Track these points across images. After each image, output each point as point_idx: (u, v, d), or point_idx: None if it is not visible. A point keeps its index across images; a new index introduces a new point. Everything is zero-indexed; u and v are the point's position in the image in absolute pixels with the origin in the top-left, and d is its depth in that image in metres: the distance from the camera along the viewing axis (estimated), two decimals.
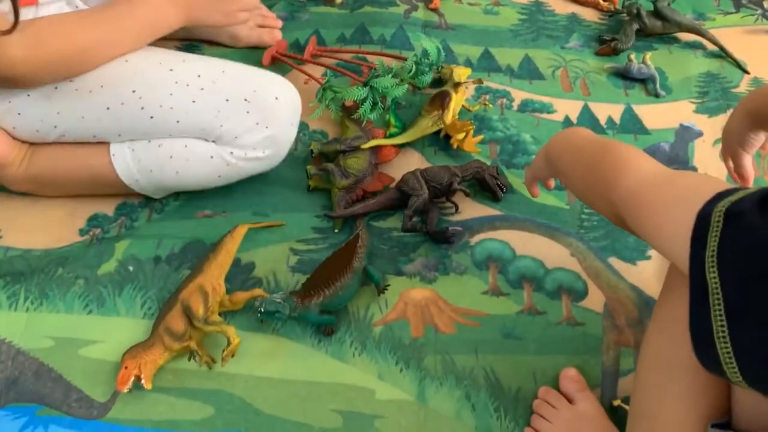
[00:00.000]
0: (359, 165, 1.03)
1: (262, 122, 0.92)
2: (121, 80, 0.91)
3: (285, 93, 0.96)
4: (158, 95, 0.91)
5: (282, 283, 0.93)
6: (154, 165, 0.93)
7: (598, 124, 1.15)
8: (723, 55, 1.26)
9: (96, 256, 0.95)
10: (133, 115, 0.91)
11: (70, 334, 0.87)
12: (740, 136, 0.82)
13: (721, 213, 0.49)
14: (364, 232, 0.95)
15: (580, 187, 0.78)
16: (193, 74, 0.92)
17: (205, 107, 0.91)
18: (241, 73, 0.96)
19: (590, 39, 1.29)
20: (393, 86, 1.09)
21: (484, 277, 0.95)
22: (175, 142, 0.92)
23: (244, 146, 0.93)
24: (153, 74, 0.92)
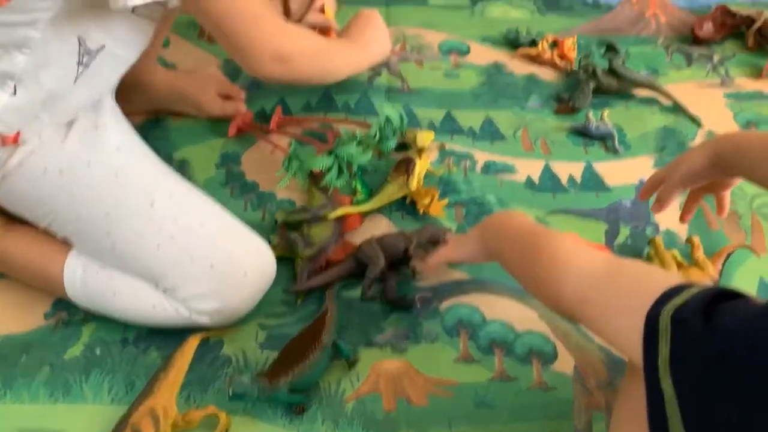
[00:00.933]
0: (323, 234, 1.03)
1: (218, 293, 0.88)
2: (101, 197, 0.88)
3: (256, 269, 0.91)
4: (128, 228, 0.88)
5: (251, 361, 0.92)
6: (96, 294, 0.92)
7: (560, 183, 1.17)
8: (678, 110, 1.30)
9: (62, 341, 0.94)
10: (97, 236, 0.89)
11: (36, 424, 0.85)
12: (690, 170, 0.85)
13: (667, 319, 0.50)
14: (332, 305, 0.95)
15: (523, 283, 0.78)
16: (171, 218, 0.88)
17: (167, 257, 0.88)
18: (219, 232, 0.91)
19: (549, 98, 1.32)
20: (358, 153, 1.11)
21: (455, 343, 0.95)
22: (124, 281, 0.90)
23: (192, 309, 0.89)
24: (132, 203, 0.89)
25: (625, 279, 0.60)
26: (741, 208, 1.13)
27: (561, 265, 0.67)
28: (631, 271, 0.62)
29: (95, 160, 0.89)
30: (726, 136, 0.87)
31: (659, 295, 0.52)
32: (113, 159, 0.90)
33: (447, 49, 1.42)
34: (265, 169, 1.17)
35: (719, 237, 1.09)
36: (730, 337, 0.47)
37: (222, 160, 1.19)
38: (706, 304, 0.49)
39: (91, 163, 0.89)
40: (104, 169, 0.89)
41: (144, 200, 0.89)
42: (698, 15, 1.51)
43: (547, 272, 0.69)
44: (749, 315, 0.47)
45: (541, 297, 0.74)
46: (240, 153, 1.20)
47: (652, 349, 0.50)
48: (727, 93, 1.35)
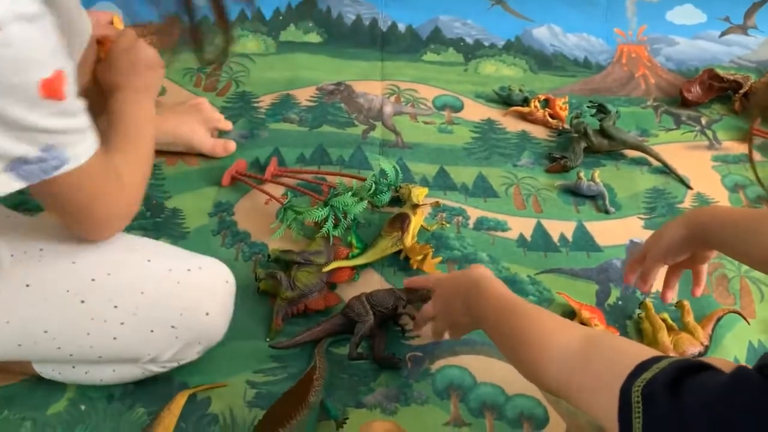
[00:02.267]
0: (308, 280, 1.03)
1: (193, 341, 0.87)
2: (29, 317, 0.80)
3: (216, 301, 0.87)
4: (74, 335, 0.82)
5: (239, 419, 0.90)
6: (82, 381, 0.91)
7: (552, 242, 1.18)
8: (667, 171, 1.32)
9: (45, 395, 0.92)
10: (49, 352, 0.84)
11: None
12: (670, 244, 0.89)
13: (638, 394, 0.52)
14: (321, 361, 0.94)
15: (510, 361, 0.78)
16: (109, 305, 0.81)
17: (128, 342, 0.84)
18: (161, 292, 0.84)
19: (540, 156, 1.34)
20: (353, 204, 1.11)
21: (446, 406, 0.94)
22: (100, 369, 0.89)
23: (176, 360, 0.89)
24: (63, 311, 0.81)
25: (600, 358, 0.62)
26: (730, 272, 1.14)
27: (539, 348, 0.68)
28: (605, 349, 0.63)
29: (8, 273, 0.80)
30: (703, 211, 0.90)
31: (632, 369, 0.54)
32: (14, 272, 0.80)
33: (441, 104, 1.44)
34: (257, 218, 1.17)
35: (709, 301, 1.10)
36: (694, 414, 0.49)
37: (215, 208, 1.19)
38: (672, 380, 0.52)
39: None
40: (10, 286, 0.80)
41: (71, 301, 0.81)
42: (686, 78, 1.54)
43: (527, 353, 0.71)
44: (713, 391, 0.50)
45: (525, 375, 0.74)
46: (233, 202, 1.20)
47: (627, 423, 0.52)
48: (714, 155, 1.38)
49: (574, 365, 0.63)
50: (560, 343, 0.66)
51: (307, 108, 1.39)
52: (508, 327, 0.76)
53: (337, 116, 1.38)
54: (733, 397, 0.49)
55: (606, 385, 0.56)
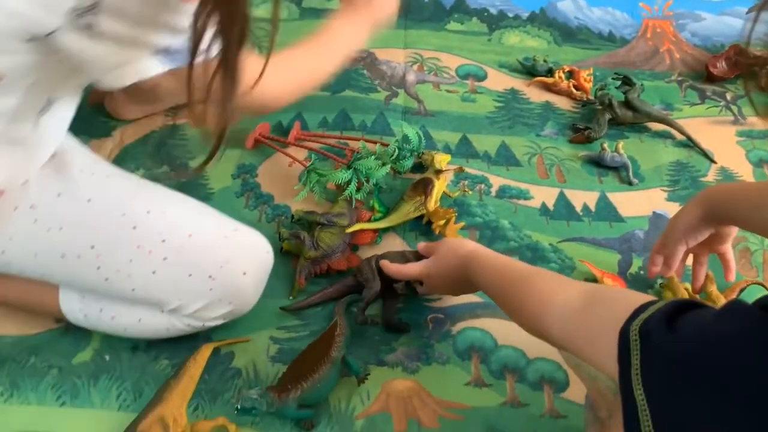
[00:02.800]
0: (331, 241, 1.04)
1: (224, 299, 0.87)
2: (82, 228, 0.83)
3: (255, 266, 0.90)
4: (117, 258, 0.84)
5: (262, 374, 0.91)
6: (103, 326, 0.91)
7: (574, 211, 1.17)
8: (691, 145, 1.31)
9: (71, 344, 0.93)
10: (87, 271, 0.85)
11: (41, 427, 0.85)
12: (687, 225, 0.92)
13: (636, 332, 0.53)
14: (342, 320, 0.94)
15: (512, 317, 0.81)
16: (158, 238, 0.84)
17: (165, 279, 0.85)
18: (208, 239, 0.88)
19: (564, 127, 1.33)
20: (376, 167, 1.11)
21: (467, 367, 0.94)
22: (128, 314, 0.89)
23: (202, 318, 0.88)
24: (115, 231, 0.84)
25: (599, 308, 0.63)
26: (753, 246, 1.14)
27: (541, 305, 0.71)
28: (605, 299, 0.65)
29: (64, 189, 0.84)
30: (717, 189, 0.92)
31: (630, 313, 0.56)
32: (81, 185, 0.85)
33: (464, 74, 1.43)
34: (280, 181, 1.17)
35: None
36: (688, 342, 0.50)
37: (238, 170, 1.19)
38: (668, 315, 0.53)
39: (62, 192, 0.84)
40: (75, 197, 0.84)
41: (125, 224, 0.85)
42: (712, 53, 1.52)
43: (529, 311, 0.73)
44: (707, 320, 0.51)
45: (532, 333, 0.77)
46: (256, 164, 1.20)
47: (626, 362, 0.53)
48: (739, 131, 1.36)
49: (575, 319, 0.65)
50: (560, 300, 0.69)
51: None
52: (509, 293, 0.79)
53: (359, 81, 1.37)
54: (726, 322, 0.50)
55: (605, 331, 0.58)
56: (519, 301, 0.76)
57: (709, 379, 0.47)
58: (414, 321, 0.99)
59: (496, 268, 0.84)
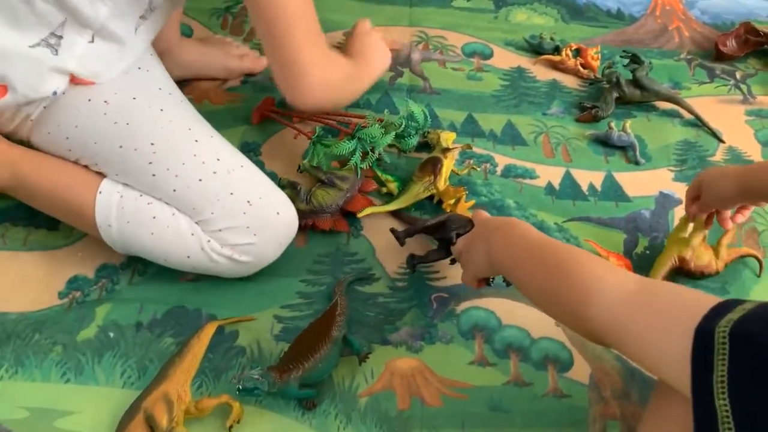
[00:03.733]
0: (324, 200, 1.05)
1: (252, 229, 0.90)
2: (147, 127, 0.90)
3: (288, 214, 0.95)
4: (171, 158, 0.90)
5: (266, 352, 0.91)
6: (134, 218, 0.91)
7: (580, 191, 1.16)
8: (699, 124, 1.30)
9: (75, 321, 0.93)
10: (138, 164, 0.90)
11: (45, 404, 0.85)
12: (722, 199, 0.94)
13: (725, 334, 0.48)
14: (342, 298, 0.94)
15: (540, 302, 0.75)
16: (214, 155, 0.92)
17: (207, 190, 0.90)
18: (257, 175, 0.96)
19: (571, 106, 1.32)
20: (380, 136, 1.10)
21: (471, 346, 0.94)
22: (164, 207, 0.91)
23: (224, 242, 0.90)
24: (177, 136, 0.91)
25: (662, 298, 0.58)
26: (761, 226, 1.13)
27: (588, 285, 0.63)
28: (666, 290, 0.60)
29: (141, 93, 0.93)
30: (754, 170, 0.92)
31: (707, 310, 0.50)
32: (157, 96, 0.94)
33: (470, 52, 1.41)
34: (284, 159, 1.17)
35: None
36: None
37: (242, 148, 1.17)
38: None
39: (138, 96, 0.92)
40: (150, 103, 0.92)
41: (189, 136, 0.92)
42: (722, 31, 1.50)
43: (570, 292, 0.66)
44: None
45: (563, 317, 0.71)
46: (260, 142, 1.19)
47: (703, 365, 0.48)
48: (748, 110, 1.35)
49: (630, 304, 0.59)
50: (611, 284, 0.62)
51: None
52: (542, 267, 0.73)
53: None
54: None
55: (671, 325, 0.53)
56: (556, 275, 0.69)
57: None
58: (418, 301, 0.99)
59: (534, 234, 0.78)
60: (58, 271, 0.98)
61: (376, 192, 1.12)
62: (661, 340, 0.54)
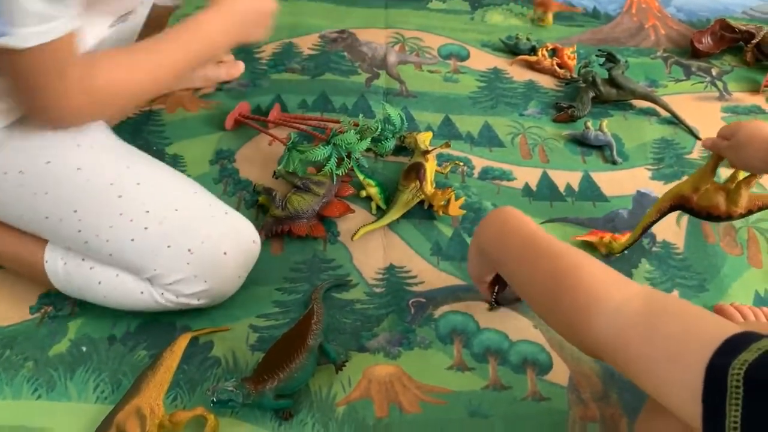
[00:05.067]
0: (299, 205, 1.04)
1: (201, 276, 0.86)
2: (66, 193, 0.85)
3: (238, 245, 0.90)
4: (98, 223, 0.85)
5: (241, 362, 0.90)
6: (83, 284, 0.90)
7: (558, 191, 1.16)
8: (676, 122, 1.30)
9: (47, 336, 0.91)
10: (68, 233, 0.86)
11: (16, 421, 0.83)
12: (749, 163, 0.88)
13: (738, 377, 0.45)
14: (318, 306, 0.93)
15: (538, 308, 0.72)
16: (142, 209, 0.86)
17: (142, 248, 0.85)
18: (195, 214, 0.89)
19: (547, 106, 1.31)
20: (356, 142, 1.09)
21: (449, 351, 0.93)
22: (106, 270, 0.88)
23: (177, 292, 0.87)
24: (100, 197, 0.86)
25: (671, 323, 0.54)
26: (737, 223, 1.13)
27: (589, 300, 0.59)
28: (677, 312, 0.56)
29: (55, 156, 0.86)
30: None
31: (719, 344, 0.47)
32: (74, 154, 0.87)
33: (446, 53, 1.41)
34: (259, 165, 1.16)
35: (716, 251, 1.08)
36: None
37: (216, 156, 1.17)
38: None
39: (52, 159, 0.85)
40: (65, 165, 0.86)
41: (111, 193, 0.86)
42: (697, 28, 1.51)
43: (570, 305, 0.62)
44: None
45: (557, 327, 0.68)
46: (234, 149, 1.18)
47: (714, 407, 0.45)
48: (724, 106, 1.35)
49: (637, 324, 0.55)
50: (615, 301, 0.58)
51: (310, 56, 1.37)
52: (539, 271, 0.69)
53: (340, 64, 1.35)
54: None
55: (682, 355, 0.49)
56: (556, 281, 0.65)
57: None
58: (396, 306, 0.98)
59: (531, 230, 0.74)
60: (29, 286, 0.96)
61: (353, 196, 1.11)
62: (668, 371, 0.51)
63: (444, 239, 1.07)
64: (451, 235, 1.08)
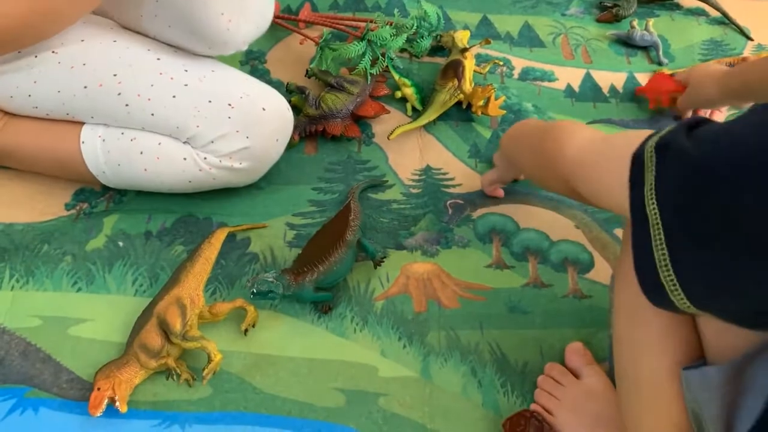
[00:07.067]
0: (334, 104, 1.01)
1: (242, 131, 0.85)
2: (105, 60, 0.85)
3: (275, 105, 0.89)
4: (139, 83, 0.84)
5: (279, 259, 0.89)
6: (123, 159, 0.87)
7: (601, 93, 1.11)
8: (726, 22, 1.24)
9: (84, 232, 0.91)
10: (108, 99, 0.85)
11: (58, 312, 0.84)
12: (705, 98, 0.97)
13: (651, 149, 0.51)
14: (355, 203, 0.92)
15: (534, 173, 0.79)
16: (181, 68, 0.86)
17: (184, 104, 0.84)
18: (231, 75, 0.89)
19: (591, 5, 1.25)
20: (392, 38, 1.05)
21: (488, 250, 0.92)
22: (148, 138, 0.86)
23: (219, 153, 0.86)
24: (138, 60, 0.86)
25: (618, 137, 0.60)
26: None
27: (563, 136, 0.67)
28: (625, 133, 0.62)
29: (88, 35, 0.86)
30: (733, 73, 0.93)
31: (643, 138, 0.53)
32: (106, 31, 0.87)
33: None
34: (290, 66, 1.12)
35: None
36: (708, 143, 0.47)
37: (246, 57, 1.13)
38: (689, 125, 0.50)
39: (86, 38, 0.86)
40: (100, 39, 0.86)
41: (149, 56, 0.86)
42: None
43: (551, 147, 0.69)
44: (728, 123, 0.48)
45: (546, 174, 0.73)
46: (265, 51, 1.15)
47: (638, 182, 0.51)
48: None
49: (594, 146, 0.62)
50: (585, 132, 0.66)
51: None
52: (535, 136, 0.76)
53: None
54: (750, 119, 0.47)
55: (621, 153, 0.54)
56: (542, 138, 0.72)
57: (730, 181, 0.44)
58: (433, 207, 0.96)
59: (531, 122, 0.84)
60: (64, 184, 0.95)
61: (388, 97, 1.07)
62: (613, 174, 0.55)
63: (482, 141, 1.04)
64: (490, 137, 1.04)
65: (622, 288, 0.67)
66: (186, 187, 0.89)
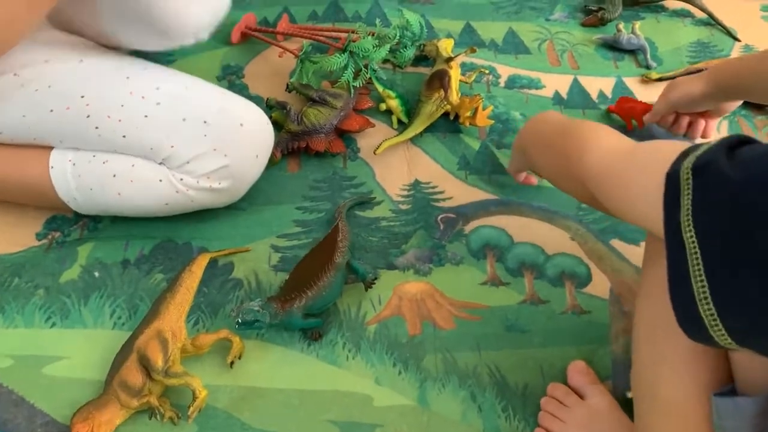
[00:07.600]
0: (317, 119, 0.98)
1: (220, 149, 0.81)
2: (71, 82, 0.81)
3: (253, 119, 0.85)
4: (108, 104, 0.80)
5: (264, 283, 0.85)
6: (95, 183, 0.83)
7: (590, 99, 1.09)
8: (712, 23, 1.22)
9: (57, 262, 0.86)
10: (77, 122, 0.80)
11: (31, 351, 0.79)
12: (690, 94, 0.91)
13: (688, 170, 0.47)
14: (343, 223, 0.88)
15: (550, 171, 0.77)
16: (152, 86, 0.81)
17: (157, 124, 0.80)
18: (206, 90, 0.85)
19: (575, 9, 1.23)
20: (374, 49, 1.01)
21: (482, 266, 0.88)
22: (120, 160, 0.82)
23: (196, 173, 0.81)
24: (106, 80, 0.82)
25: (644, 148, 0.57)
26: None
27: (584, 140, 0.65)
28: (651, 143, 0.58)
29: (52, 55, 0.82)
30: (721, 68, 0.89)
31: (678, 155, 0.49)
32: (72, 50, 0.84)
33: None
34: (269, 80, 1.09)
35: None
36: (752, 167, 0.43)
37: (223, 71, 1.10)
38: (729, 147, 0.46)
39: (49, 59, 0.82)
40: (64, 59, 0.82)
41: (118, 76, 0.82)
42: None
43: (571, 150, 0.66)
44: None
45: (563, 176, 0.71)
46: (242, 65, 1.11)
47: (674, 204, 0.47)
48: (764, 5, 1.27)
49: (618, 153, 0.59)
50: (613, 139, 0.63)
51: None
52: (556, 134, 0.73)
53: None
54: None
55: (648, 166, 0.52)
56: (563, 139, 0.69)
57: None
58: (424, 222, 0.92)
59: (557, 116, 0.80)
60: (35, 212, 0.91)
61: (372, 110, 1.04)
62: (638, 186, 0.53)
63: (471, 152, 1.01)
64: (479, 147, 1.01)
65: (646, 305, 0.63)
66: (163, 211, 0.85)
